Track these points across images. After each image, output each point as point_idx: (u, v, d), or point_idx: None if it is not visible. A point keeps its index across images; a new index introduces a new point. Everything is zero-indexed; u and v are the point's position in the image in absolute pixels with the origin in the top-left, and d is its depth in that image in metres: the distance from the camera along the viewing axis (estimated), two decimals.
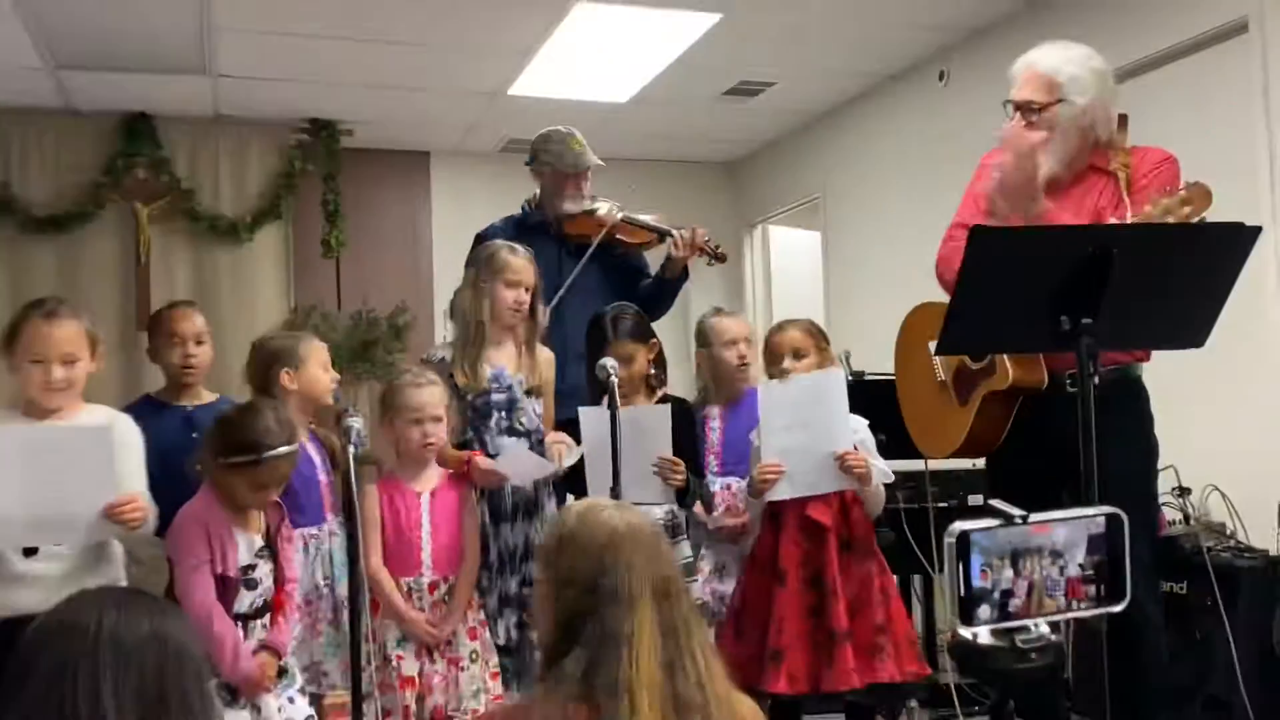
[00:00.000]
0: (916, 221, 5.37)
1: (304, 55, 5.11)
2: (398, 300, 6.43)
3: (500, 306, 3.15)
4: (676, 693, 1.53)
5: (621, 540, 1.60)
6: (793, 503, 2.91)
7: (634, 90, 5.66)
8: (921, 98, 5.43)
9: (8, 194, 5.68)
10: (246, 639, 2.60)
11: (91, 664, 1.35)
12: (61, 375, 2.59)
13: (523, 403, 3.16)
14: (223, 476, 2.61)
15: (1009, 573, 0.78)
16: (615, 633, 1.53)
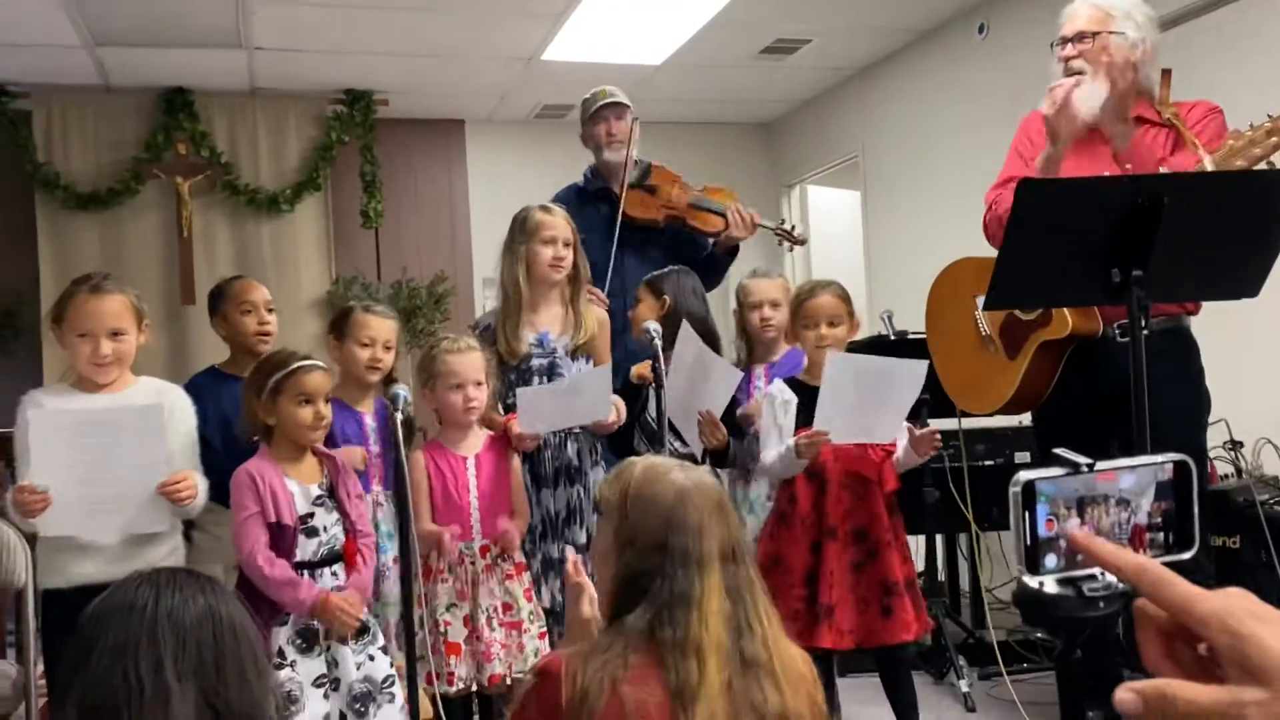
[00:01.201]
0: (958, 177, 5.30)
1: (338, 26, 5.11)
2: (436, 269, 6.46)
3: (539, 267, 3.14)
4: (743, 652, 1.55)
5: (690, 501, 1.60)
6: (837, 459, 2.92)
7: (668, 53, 5.62)
8: (961, 52, 5.35)
9: (51, 172, 5.75)
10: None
11: (152, 641, 1.39)
12: (109, 349, 2.62)
13: (564, 366, 3.16)
14: (269, 409, 2.64)
15: (1075, 521, 0.78)
16: (685, 593, 1.55)
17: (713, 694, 1.50)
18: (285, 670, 2.52)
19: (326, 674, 2.61)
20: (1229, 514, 3.27)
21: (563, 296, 3.21)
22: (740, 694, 1.53)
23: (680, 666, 1.51)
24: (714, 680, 1.51)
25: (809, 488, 2.97)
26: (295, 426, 2.65)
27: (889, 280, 5.83)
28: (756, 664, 1.56)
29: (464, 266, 6.59)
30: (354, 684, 2.61)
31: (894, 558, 2.88)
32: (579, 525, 3.10)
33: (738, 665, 1.54)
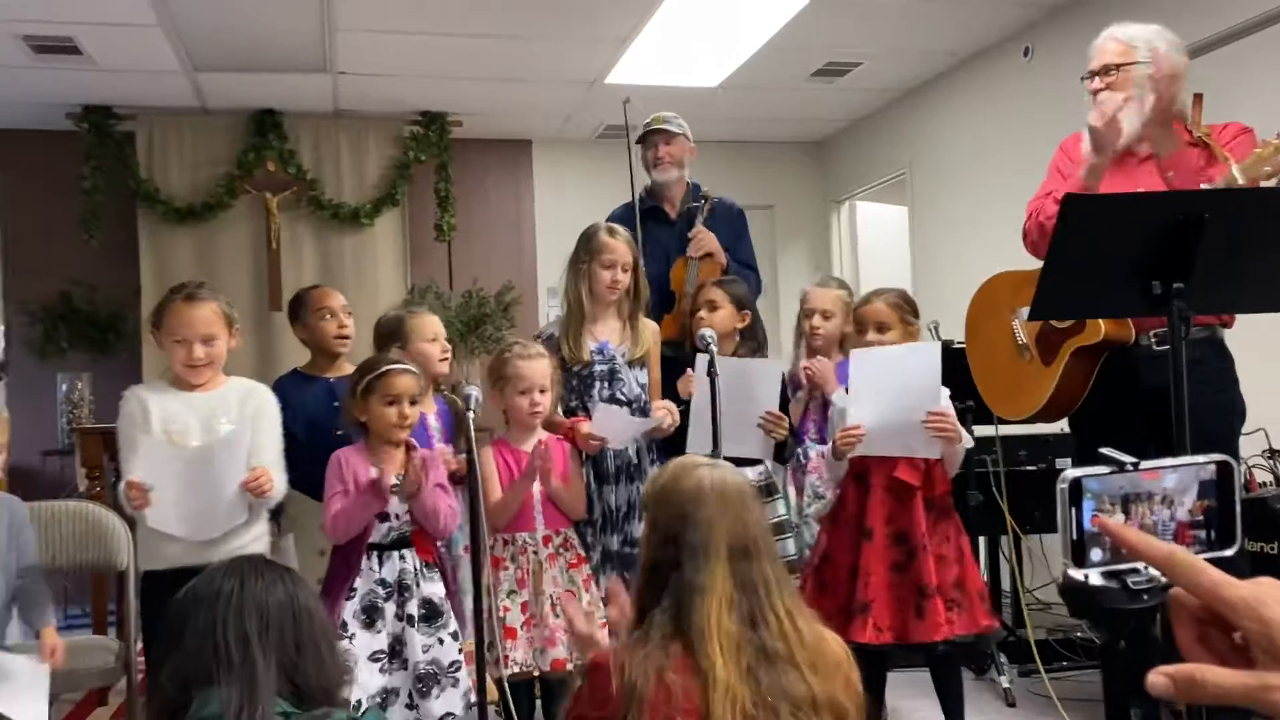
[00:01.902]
0: (1002, 195, 5.24)
1: (416, 52, 5.19)
2: (504, 279, 6.52)
3: (598, 286, 3.20)
4: (762, 643, 1.56)
5: (705, 497, 1.62)
6: (880, 464, 2.90)
7: (724, 75, 5.63)
8: (1006, 74, 5.29)
9: (152, 188, 5.90)
10: (382, 568, 2.69)
11: (239, 621, 1.44)
12: (202, 353, 2.70)
13: (624, 373, 3.19)
14: (362, 407, 2.73)
15: (1120, 517, 0.78)
16: (692, 583, 1.57)
17: (725, 681, 1.51)
18: (344, 642, 2.58)
19: (390, 651, 2.65)
20: (1266, 520, 3.19)
21: (621, 312, 3.26)
22: (768, 683, 1.54)
23: (699, 651, 1.54)
24: (722, 667, 1.52)
25: (856, 490, 2.96)
26: (382, 423, 2.73)
27: (935, 292, 5.77)
28: (777, 655, 1.56)
29: (530, 277, 6.65)
30: (420, 664, 2.65)
31: (928, 563, 2.83)
32: (637, 519, 3.12)
33: (758, 656, 1.55)
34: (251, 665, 1.42)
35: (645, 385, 3.24)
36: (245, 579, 1.50)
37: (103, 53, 4.96)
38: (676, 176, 3.87)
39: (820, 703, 1.55)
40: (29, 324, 5.73)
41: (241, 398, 2.79)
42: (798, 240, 7.22)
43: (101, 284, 5.86)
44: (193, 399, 2.73)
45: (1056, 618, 4.43)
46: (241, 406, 2.77)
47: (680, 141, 3.88)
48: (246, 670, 1.42)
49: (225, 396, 2.77)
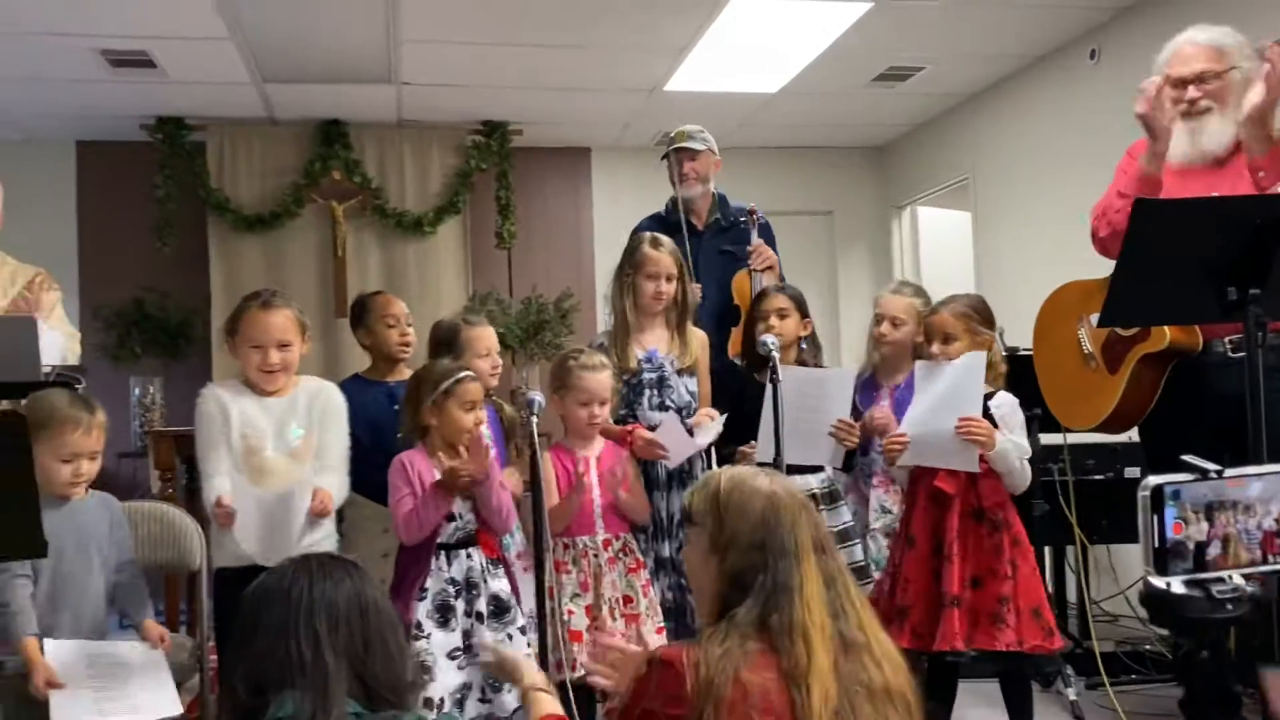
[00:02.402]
0: (1068, 200, 5.16)
1: (478, 62, 5.26)
2: (563, 286, 6.56)
3: (643, 297, 3.23)
4: (842, 634, 1.62)
5: (780, 502, 1.68)
6: (925, 473, 2.88)
7: (784, 80, 5.62)
8: (1072, 77, 5.21)
9: (221, 197, 6.05)
10: (450, 569, 2.73)
11: (309, 622, 1.47)
12: (277, 358, 2.77)
13: (673, 381, 3.22)
14: (434, 411, 2.77)
15: (1204, 525, 0.77)
16: (786, 584, 1.62)
17: (823, 673, 1.56)
18: (421, 642, 2.62)
19: (462, 648, 2.69)
20: None
21: (668, 322, 3.29)
22: (847, 674, 1.59)
23: (791, 651, 1.57)
24: (823, 661, 1.57)
25: (909, 499, 2.95)
26: (456, 428, 2.78)
27: (999, 299, 5.62)
28: (856, 645, 1.62)
29: (588, 283, 6.69)
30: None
31: (952, 572, 2.77)
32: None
33: (840, 647, 1.60)
34: (323, 667, 1.45)
35: (695, 394, 3.26)
36: (314, 577, 1.53)
37: (176, 65, 5.10)
38: (701, 191, 3.93)
39: (893, 692, 1.61)
40: (103, 329, 5.90)
41: (309, 399, 2.85)
42: (858, 246, 7.17)
43: (173, 290, 6.02)
44: (267, 404, 2.80)
45: (1125, 630, 4.34)
46: (309, 410, 2.84)
47: (705, 157, 3.93)
48: (318, 672, 1.44)
49: (296, 400, 2.83)
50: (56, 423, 2.41)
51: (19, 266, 3.72)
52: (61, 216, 6.15)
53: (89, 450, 2.48)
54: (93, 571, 2.52)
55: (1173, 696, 3.27)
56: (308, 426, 2.81)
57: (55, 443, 2.41)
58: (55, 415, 2.41)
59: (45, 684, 2.28)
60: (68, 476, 2.44)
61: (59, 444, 2.41)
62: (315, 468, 2.81)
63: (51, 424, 2.41)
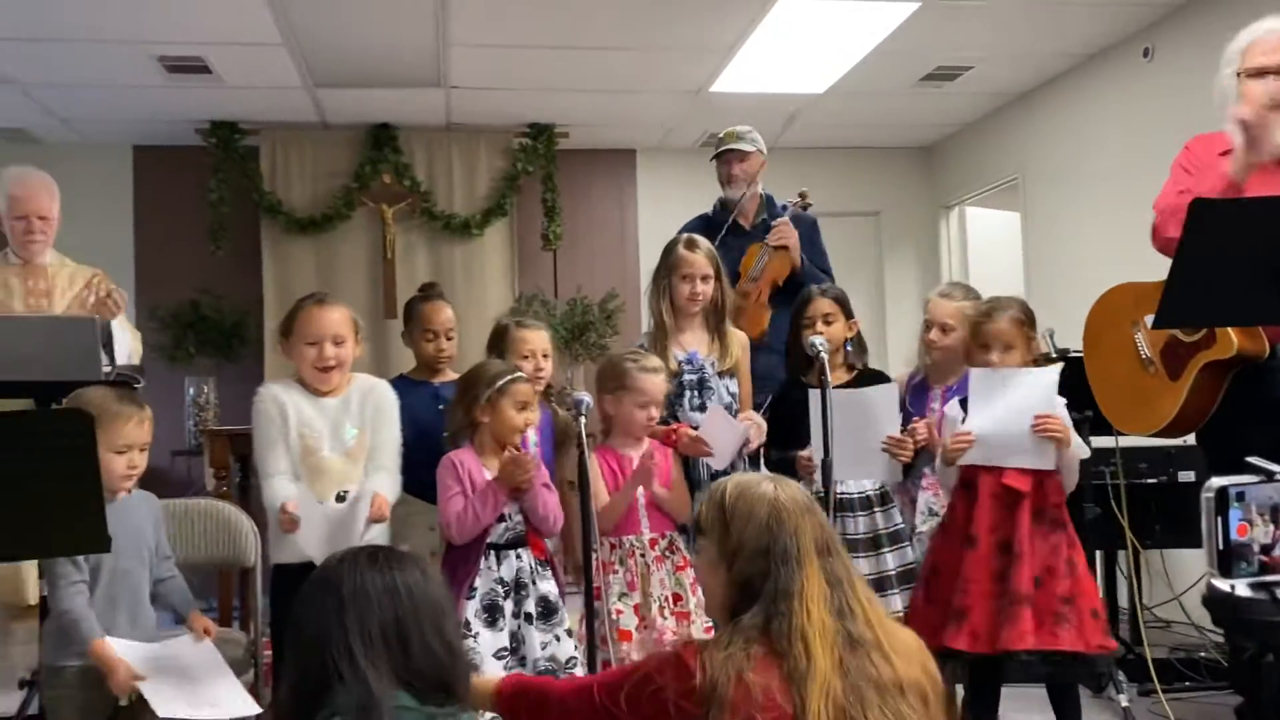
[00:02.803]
0: (1119, 200, 5.10)
1: (525, 65, 5.30)
2: (608, 287, 6.60)
3: (679, 299, 3.23)
4: (849, 632, 1.65)
5: (783, 508, 1.72)
6: (989, 471, 2.85)
7: (831, 81, 5.60)
8: (1125, 75, 5.14)
9: (274, 200, 6.15)
10: (499, 569, 2.76)
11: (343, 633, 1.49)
12: (333, 354, 2.81)
13: (713, 383, 3.21)
14: (487, 409, 2.79)
15: (1269, 528, 0.76)
16: (788, 589, 1.66)
17: (824, 674, 1.59)
18: (469, 641, 2.63)
19: (511, 648, 2.71)
20: None
21: (707, 323, 3.27)
22: (855, 671, 1.62)
23: (790, 653, 1.61)
24: (823, 661, 1.60)
25: (964, 497, 2.91)
26: (509, 427, 2.80)
27: (1049, 299, 5.62)
28: (864, 642, 1.65)
29: (633, 285, 6.70)
30: (539, 660, 2.70)
31: (1023, 570, 2.75)
32: None
33: (846, 645, 1.63)
34: (379, 653, 1.47)
35: (736, 395, 3.25)
36: (361, 569, 1.54)
37: (230, 70, 5.19)
38: (749, 193, 3.93)
39: (906, 685, 1.64)
40: (159, 330, 6.02)
41: (361, 398, 2.89)
42: (905, 247, 7.12)
43: (227, 292, 6.14)
44: (323, 404, 2.84)
45: (1178, 636, 4.27)
46: (362, 408, 2.87)
47: (754, 158, 3.93)
48: (374, 659, 1.46)
49: (349, 400, 2.87)
50: (109, 416, 2.43)
51: (77, 268, 3.82)
52: (118, 219, 6.29)
53: (141, 442, 2.51)
54: (144, 569, 2.56)
55: (1228, 704, 3.22)
56: (361, 426, 2.85)
57: (109, 436, 2.43)
58: (107, 409, 2.44)
59: (131, 679, 2.30)
60: (123, 469, 2.47)
61: (113, 437, 2.43)
62: (369, 467, 2.84)
63: (104, 418, 2.41)
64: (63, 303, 3.72)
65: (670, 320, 3.25)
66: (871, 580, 3.07)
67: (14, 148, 6.05)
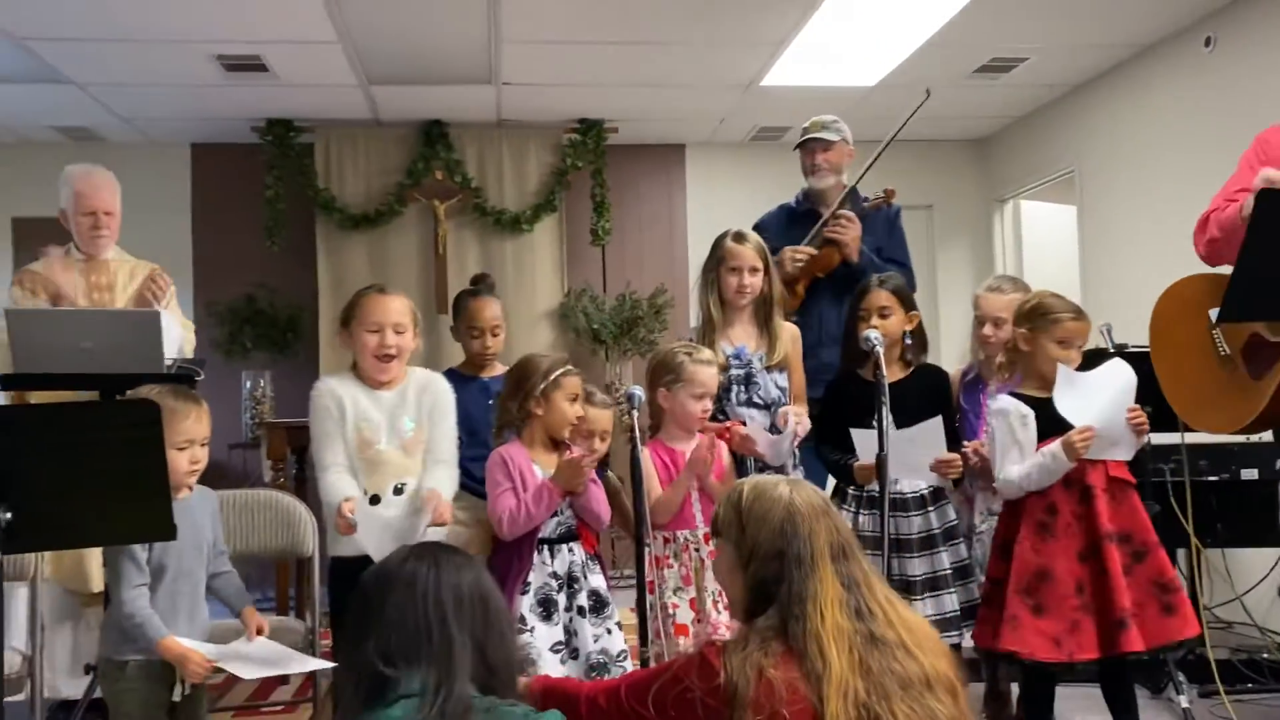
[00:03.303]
0: (1179, 192, 5.00)
1: (575, 61, 5.32)
2: (657, 282, 6.61)
3: (727, 292, 3.22)
4: (870, 633, 1.67)
5: (797, 511, 1.73)
6: (1094, 466, 2.82)
7: (883, 74, 5.55)
8: (1186, 65, 5.03)
9: (329, 196, 6.23)
10: (553, 563, 2.78)
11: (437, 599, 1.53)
12: (394, 341, 2.84)
13: (760, 378, 3.19)
14: (541, 401, 2.81)
15: None
16: (801, 593, 1.67)
17: (840, 675, 1.61)
18: (525, 635, 2.65)
19: (564, 642, 2.72)
20: None
21: (755, 316, 3.26)
22: (879, 670, 1.63)
23: (808, 655, 1.62)
24: (838, 664, 1.62)
25: (1069, 495, 2.83)
26: (560, 420, 2.82)
27: (1106, 294, 5.54)
28: (887, 641, 1.66)
29: (681, 279, 6.71)
30: (591, 654, 2.72)
31: (1163, 557, 2.79)
32: None
33: (868, 645, 1.65)
34: (449, 641, 1.50)
35: (784, 389, 3.23)
36: (439, 561, 1.58)
37: (286, 69, 5.27)
38: (833, 182, 3.88)
39: (933, 679, 1.65)
40: (216, 325, 6.14)
41: (419, 392, 2.91)
42: (958, 241, 7.05)
43: (282, 287, 6.24)
44: (380, 397, 2.87)
45: (1240, 637, 4.19)
46: (419, 402, 2.89)
47: (839, 148, 3.88)
48: (444, 646, 1.50)
49: (406, 393, 2.89)
50: (168, 413, 2.41)
51: (137, 263, 3.91)
52: (177, 216, 6.42)
53: (201, 437, 2.54)
54: (203, 567, 2.59)
55: None
56: (418, 419, 2.87)
57: (169, 433, 2.41)
58: (165, 406, 2.41)
59: (205, 664, 2.34)
60: (186, 465, 2.50)
61: (174, 433, 2.45)
62: (427, 460, 2.87)
63: (164, 415, 2.48)
64: (124, 297, 3.81)
65: (718, 314, 3.24)
66: (926, 579, 3.06)
67: (77, 146, 6.21)
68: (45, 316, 3.35)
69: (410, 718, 1.45)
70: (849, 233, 3.70)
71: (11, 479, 1.92)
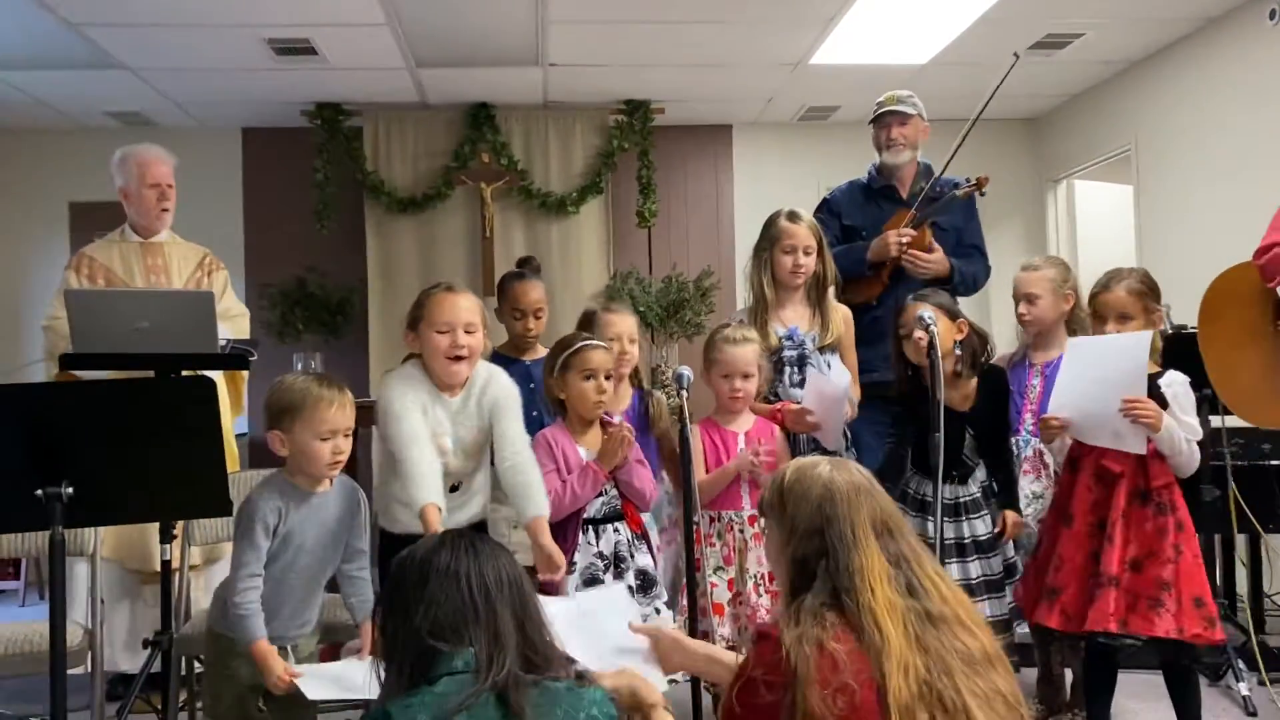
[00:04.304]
0: (1240, 171, 4.87)
1: (622, 41, 5.29)
2: (703, 264, 6.58)
3: (780, 272, 3.20)
4: (926, 610, 1.66)
5: (838, 489, 1.74)
6: (1091, 450, 2.80)
7: (934, 51, 5.46)
8: (1248, 39, 4.89)
9: (377, 179, 6.27)
10: (598, 543, 2.79)
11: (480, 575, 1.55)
12: (466, 341, 2.70)
13: (814, 359, 3.18)
14: (560, 381, 2.84)
15: None
16: (848, 566, 1.68)
17: (899, 650, 1.60)
18: None
19: None
20: None
21: (808, 297, 3.23)
22: (938, 648, 1.62)
23: (864, 629, 1.62)
24: (895, 637, 1.61)
25: (1070, 474, 2.88)
26: (580, 398, 2.82)
27: (1163, 275, 5.28)
28: (943, 619, 1.66)
29: (728, 262, 6.67)
30: None
31: (1112, 551, 2.69)
32: None
33: (923, 622, 1.64)
34: (494, 618, 1.51)
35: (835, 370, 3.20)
36: (476, 546, 1.60)
37: (336, 52, 5.30)
38: (909, 158, 3.83)
39: (992, 656, 1.66)
40: (268, 307, 6.21)
41: (480, 395, 2.78)
42: (1011, 221, 6.93)
43: (332, 270, 6.30)
44: (449, 403, 2.75)
45: None
46: (480, 406, 2.77)
47: (915, 122, 3.83)
48: (490, 623, 1.51)
49: (469, 399, 2.77)
50: (312, 400, 2.37)
51: (190, 246, 3.96)
52: (229, 200, 6.51)
53: (344, 426, 2.41)
54: (327, 564, 2.51)
55: None
56: (479, 424, 2.77)
57: (314, 421, 2.36)
58: (310, 394, 2.37)
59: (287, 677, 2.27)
60: (329, 455, 2.38)
61: (317, 421, 2.35)
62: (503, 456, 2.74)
63: (307, 403, 2.36)
64: (180, 279, 3.86)
65: (771, 294, 3.22)
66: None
67: (131, 130, 6.29)
68: (101, 296, 3.41)
69: (455, 694, 1.45)
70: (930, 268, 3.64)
71: (71, 455, 1.95)
